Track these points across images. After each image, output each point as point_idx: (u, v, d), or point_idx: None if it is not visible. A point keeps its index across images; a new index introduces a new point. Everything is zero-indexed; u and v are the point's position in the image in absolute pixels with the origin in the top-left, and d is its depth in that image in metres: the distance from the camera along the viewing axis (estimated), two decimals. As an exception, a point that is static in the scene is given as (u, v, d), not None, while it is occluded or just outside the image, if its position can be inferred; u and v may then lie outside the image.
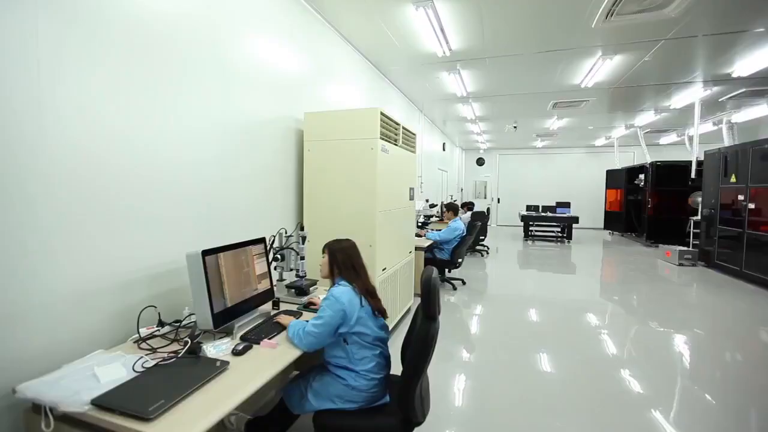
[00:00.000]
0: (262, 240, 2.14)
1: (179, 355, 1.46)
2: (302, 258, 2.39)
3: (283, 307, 2.14)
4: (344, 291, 1.64)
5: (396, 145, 3.37)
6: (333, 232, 2.09)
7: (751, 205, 5.79)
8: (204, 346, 1.52)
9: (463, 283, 5.50)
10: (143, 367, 1.35)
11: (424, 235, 5.31)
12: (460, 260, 5.25)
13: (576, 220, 10.21)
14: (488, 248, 8.49)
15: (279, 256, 2.33)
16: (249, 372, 1.39)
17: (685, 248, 7.30)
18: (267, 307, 2.11)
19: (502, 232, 12.57)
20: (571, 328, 4.01)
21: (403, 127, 3.54)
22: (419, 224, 6.21)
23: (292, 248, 2.40)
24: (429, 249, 5.00)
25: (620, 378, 2.93)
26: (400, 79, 5.92)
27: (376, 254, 2.92)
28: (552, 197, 12.81)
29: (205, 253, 1.64)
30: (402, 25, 3.88)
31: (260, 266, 2.06)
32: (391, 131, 3.25)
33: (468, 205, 8.07)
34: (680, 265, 7.08)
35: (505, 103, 7.29)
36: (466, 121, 9.12)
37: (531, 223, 10.70)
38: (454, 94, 6.46)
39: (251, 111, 2.60)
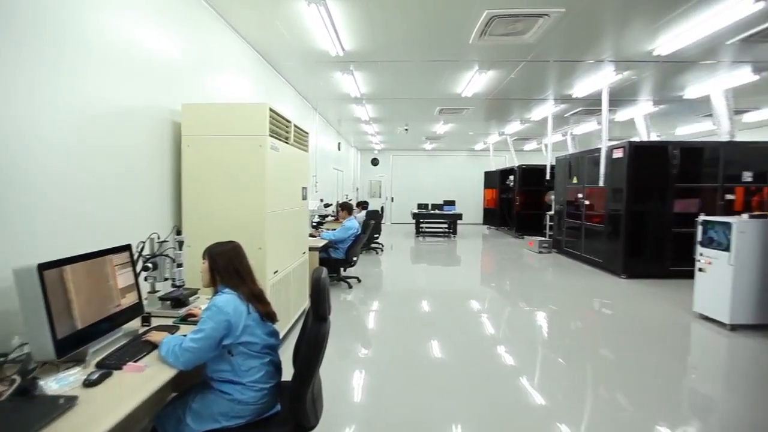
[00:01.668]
0: (126, 247, 1.84)
1: (1, 399, 1.16)
2: (179, 265, 2.13)
3: (155, 322, 1.88)
4: (228, 299, 1.51)
5: (287, 143, 3.25)
6: (218, 235, 1.90)
7: (587, 202, 7.14)
8: (42, 382, 1.24)
9: (359, 281, 5.61)
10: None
11: (319, 235, 5.26)
12: (355, 259, 5.34)
13: (460, 216, 11.26)
14: (383, 246, 8.81)
15: (150, 265, 2.04)
16: (105, 405, 1.17)
17: (543, 238, 8.66)
18: (135, 324, 1.83)
19: (395, 229, 13.19)
20: (457, 315, 4.41)
21: (295, 125, 3.43)
22: (314, 224, 6.12)
23: (166, 255, 2.13)
24: (324, 249, 4.97)
25: (498, 354, 3.33)
26: (293, 76, 5.74)
27: (266, 257, 2.77)
28: (440, 196, 13.90)
29: (44, 267, 1.34)
30: (294, 21, 3.76)
31: (125, 278, 1.77)
32: (282, 129, 3.12)
33: (362, 205, 8.25)
34: (540, 252, 8.37)
35: (397, 106, 7.65)
36: (360, 122, 9.31)
37: (422, 220, 11.45)
38: (348, 94, 6.53)
39: (113, 97, 2.22)
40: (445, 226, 11.59)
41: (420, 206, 11.78)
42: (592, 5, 3.43)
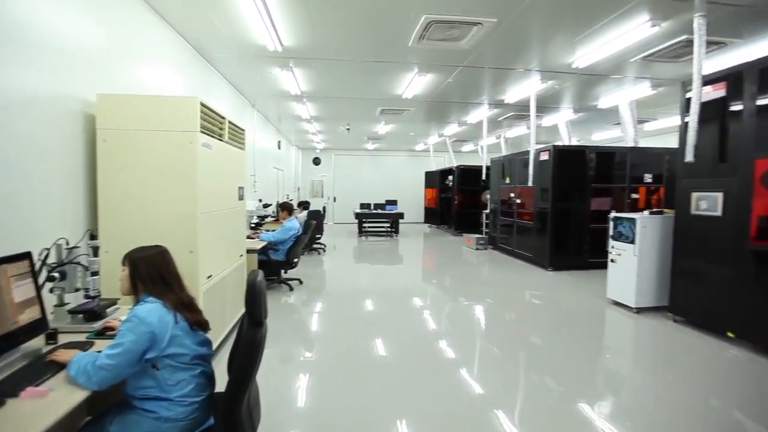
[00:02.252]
0: (25, 255, 1.61)
1: None
2: (94, 274, 1.91)
3: (63, 339, 1.67)
4: (152, 309, 1.38)
5: (222, 140, 3.07)
6: (142, 239, 1.72)
7: (518, 201, 7.65)
8: None
9: (300, 282, 5.48)
10: None
11: (258, 237, 5.04)
12: (296, 260, 5.20)
13: (402, 216, 11.48)
14: (325, 246, 8.70)
15: (57, 275, 1.80)
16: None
17: (480, 236, 9.13)
18: (38, 342, 1.60)
19: (338, 229, 13.09)
20: (400, 312, 4.48)
21: (230, 122, 3.25)
22: (252, 225, 5.86)
23: (78, 263, 1.89)
24: (263, 251, 4.78)
25: (439, 349, 3.43)
26: (229, 71, 5.44)
27: (198, 261, 2.59)
28: (382, 195, 14.04)
29: None
30: (228, 12, 3.56)
31: (22, 291, 1.54)
32: (216, 125, 2.94)
33: (304, 205, 8.07)
34: (477, 249, 8.81)
35: (339, 105, 7.59)
36: (301, 120, 9.10)
37: (364, 220, 11.49)
38: (288, 91, 6.34)
39: (8, 86, 1.92)
40: (388, 225, 11.75)
41: (362, 206, 11.81)
42: (521, 18, 3.68)
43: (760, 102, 3.23)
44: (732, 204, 3.43)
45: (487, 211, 9.41)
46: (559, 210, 6.49)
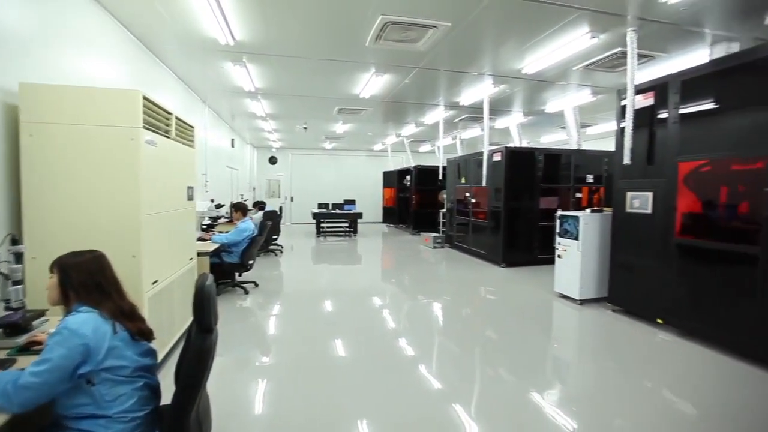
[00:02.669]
0: (-69, 264, 1.42)
1: None
2: (16, 283, 1.73)
3: (-20, 356, 1.49)
4: (85, 319, 1.27)
5: (168, 137, 2.89)
6: (77, 243, 1.57)
7: (473, 200, 7.91)
8: None
9: (256, 285, 5.31)
10: None
11: (210, 239, 4.81)
12: (251, 262, 5.03)
13: (360, 215, 11.46)
14: (282, 247, 8.50)
15: (-28, 285, 1.61)
16: None
17: (437, 234, 9.33)
18: (-53, 362, 1.42)
19: (296, 230, 12.83)
20: (360, 312, 4.47)
21: (178, 118, 3.07)
22: (203, 227, 5.59)
23: (-2, 271, 1.70)
24: (215, 253, 4.57)
25: (399, 347, 3.46)
26: (177, 64, 5.14)
27: (142, 266, 2.42)
28: (340, 195, 13.96)
29: None
30: (174, 1, 3.36)
31: (-72, 304, 1.36)
32: (161, 121, 2.77)
33: (259, 205, 7.83)
34: (434, 248, 9.00)
35: (295, 103, 7.43)
36: (256, 118, 8.81)
37: (322, 220, 11.35)
38: (241, 88, 6.11)
39: None
40: (346, 225, 11.69)
41: (320, 206, 11.65)
42: (474, 24, 3.80)
43: (682, 111, 3.57)
44: (660, 202, 3.77)
45: (444, 210, 9.64)
46: (511, 209, 6.79)
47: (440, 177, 9.42)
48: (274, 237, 8.05)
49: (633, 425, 2.34)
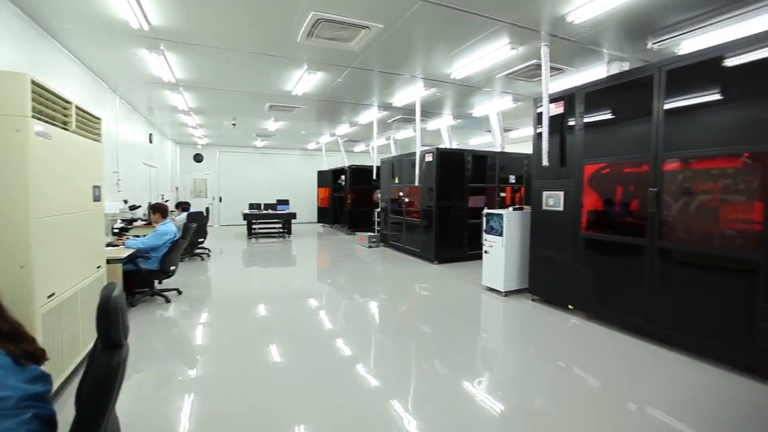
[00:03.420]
0: None
1: None
2: None
3: None
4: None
5: (67, 129, 2.55)
6: None
7: (407, 199, 8.12)
8: None
9: (179, 292, 4.90)
10: None
11: (123, 244, 4.34)
12: (173, 268, 4.64)
13: (294, 216, 11.16)
14: (209, 250, 7.97)
15: None
16: None
17: (373, 234, 9.42)
18: None
19: (225, 232, 12.12)
20: (296, 314, 4.34)
21: (79, 108, 2.72)
22: (115, 230, 5.03)
23: None
24: (131, 259, 4.13)
25: (336, 348, 3.43)
26: (79, 47, 4.54)
27: (33, 277, 2.10)
28: (273, 195, 13.48)
29: None
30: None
31: None
32: (58, 110, 2.43)
33: (183, 206, 7.26)
34: (370, 247, 9.08)
35: (223, 98, 6.99)
36: (178, 112, 8.12)
37: (254, 221, 10.85)
38: (160, 78, 5.59)
39: None
40: (279, 226, 11.31)
41: (252, 206, 11.12)
42: (405, 27, 3.90)
43: (586, 119, 4.02)
44: (570, 201, 4.20)
45: (379, 209, 9.76)
46: (442, 208, 7.09)
47: (375, 177, 9.52)
48: (201, 240, 7.52)
49: (549, 401, 2.58)
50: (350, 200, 11.70)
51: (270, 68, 5.31)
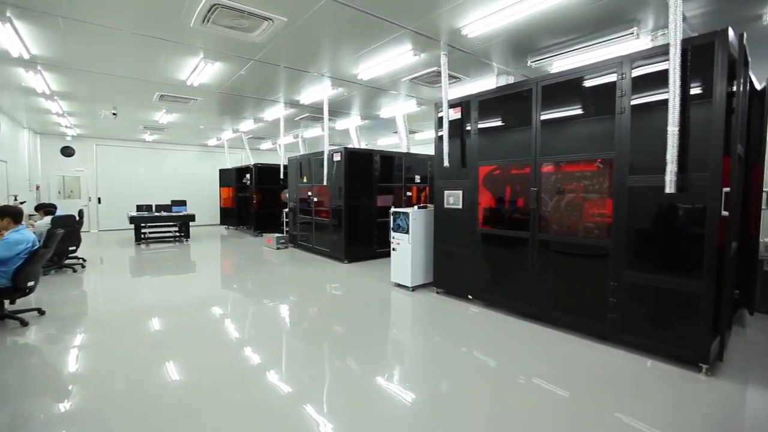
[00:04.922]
0: None
1: None
2: None
3: None
4: None
5: None
6: None
7: (316, 199, 8.01)
8: None
9: (41, 313, 4.11)
10: None
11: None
12: (31, 284, 3.86)
13: (193, 218, 10.19)
14: (84, 260, 6.83)
15: None
16: None
17: (281, 235, 9.08)
18: None
19: (106, 237, 10.53)
20: (197, 326, 3.96)
21: None
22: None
23: None
24: (-30, 276, 3.32)
25: (245, 357, 3.22)
26: None
27: None
28: (167, 196, 12.13)
29: None
30: None
31: None
32: None
33: (46, 208, 6.10)
34: (278, 248, 8.74)
35: (99, 82, 6.04)
36: (36, 95, 6.77)
37: (143, 224, 9.63)
38: (7, 51, 4.59)
39: None
40: (175, 229, 10.22)
41: (140, 208, 9.84)
42: (310, 23, 3.83)
43: (480, 125, 4.43)
44: (467, 199, 4.59)
45: (287, 209, 9.45)
46: (351, 207, 7.15)
47: (282, 176, 9.19)
48: (72, 248, 6.39)
49: (453, 385, 2.79)
50: (256, 200, 11.11)
51: (160, 53, 4.75)
